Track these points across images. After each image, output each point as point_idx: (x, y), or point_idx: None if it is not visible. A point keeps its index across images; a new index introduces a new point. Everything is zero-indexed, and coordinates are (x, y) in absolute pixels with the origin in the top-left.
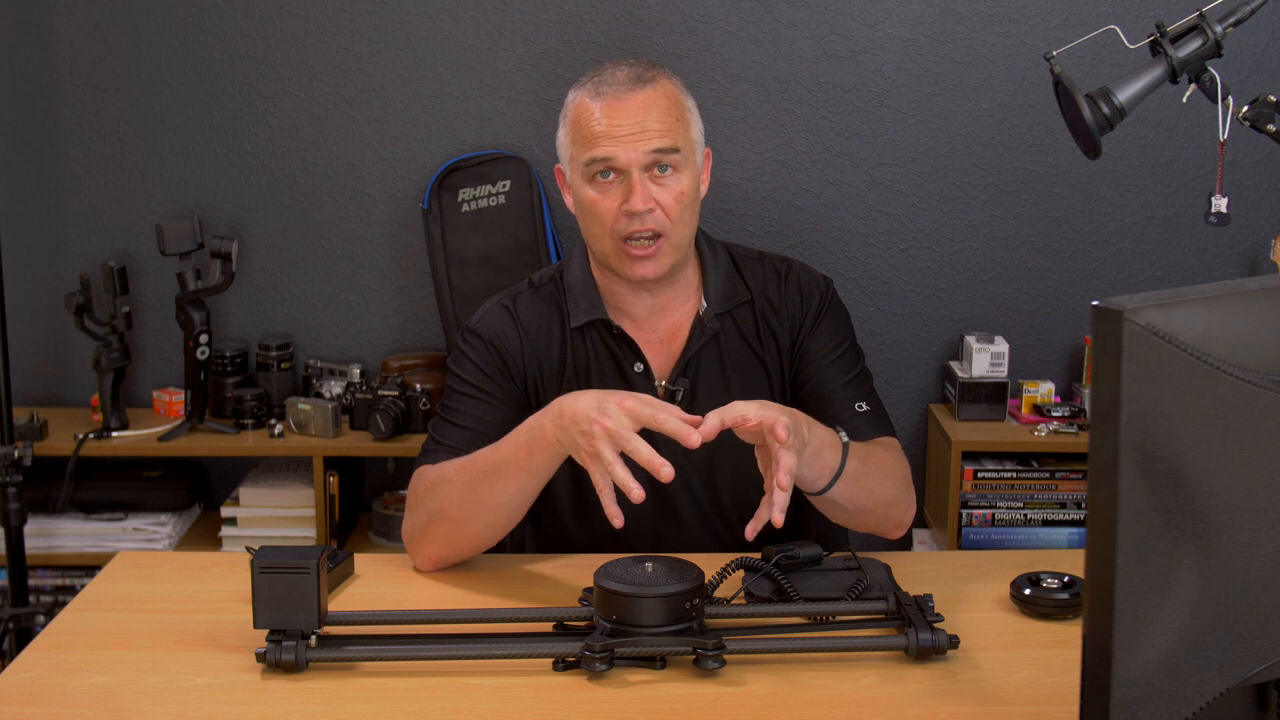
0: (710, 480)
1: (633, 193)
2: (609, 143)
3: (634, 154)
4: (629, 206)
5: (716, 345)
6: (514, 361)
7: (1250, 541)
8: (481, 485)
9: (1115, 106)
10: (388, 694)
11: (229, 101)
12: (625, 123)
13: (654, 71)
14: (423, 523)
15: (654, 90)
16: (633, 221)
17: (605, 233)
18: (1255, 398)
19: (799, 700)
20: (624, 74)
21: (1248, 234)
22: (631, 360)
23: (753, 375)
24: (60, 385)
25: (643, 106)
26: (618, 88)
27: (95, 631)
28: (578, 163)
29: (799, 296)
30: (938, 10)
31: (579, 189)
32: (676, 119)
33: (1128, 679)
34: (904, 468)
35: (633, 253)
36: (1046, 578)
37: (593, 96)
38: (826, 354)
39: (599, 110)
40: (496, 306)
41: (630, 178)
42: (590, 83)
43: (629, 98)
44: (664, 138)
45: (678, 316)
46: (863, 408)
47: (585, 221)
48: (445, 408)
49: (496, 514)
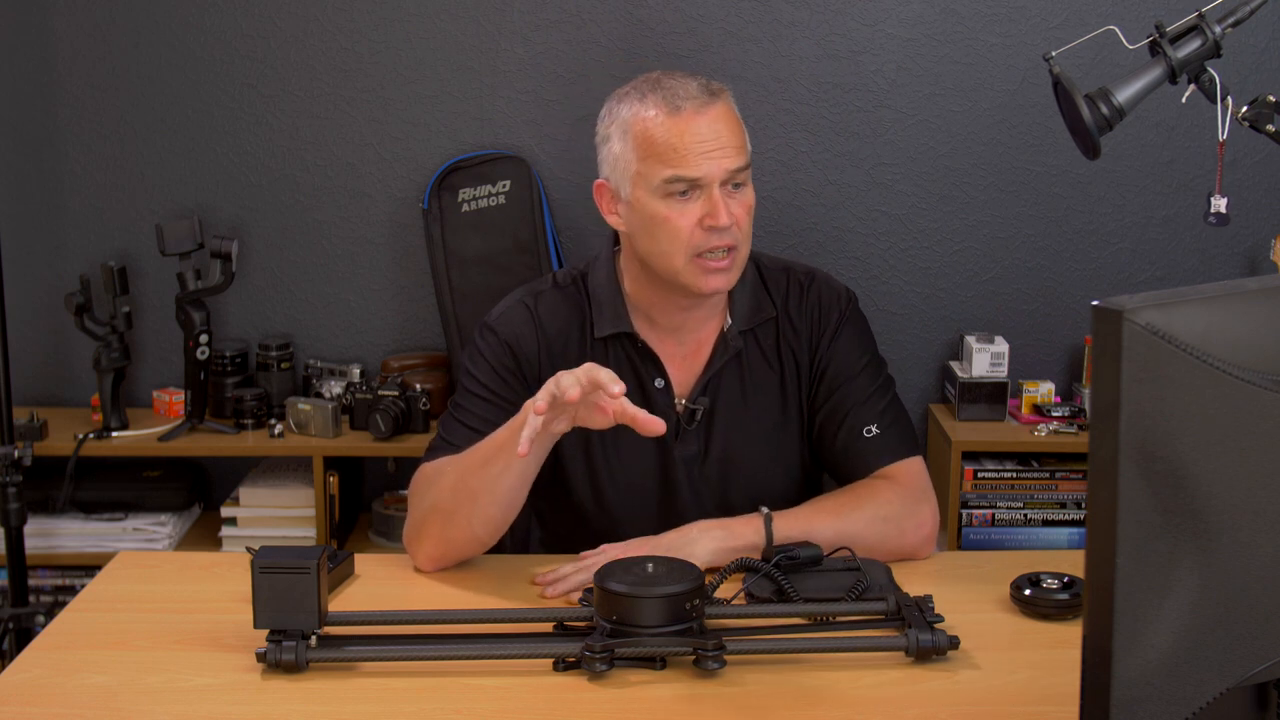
0: (724, 500)
1: (717, 209)
2: (694, 161)
3: (717, 171)
4: (714, 222)
5: (739, 363)
6: (529, 363)
7: (1250, 541)
8: (471, 474)
9: (1115, 107)
10: (388, 694)
11: (229, 101)
12: (707, 139)
13: (718, 85)
14: (419, 520)
15: (725, 103)
16: (712, 236)
17: (680, 249)
18: (1255, 398)
19: (799, 700)
20: (694, 87)
21: (1248, 234)
22: (653, 375)
23: (771, 395)
24: (60, 385)
25: (719, 121)
26: (692, 102)
27: (95, 631)
28: (649, 179)
29: (818, 312)
30: (938, 10)
31: (647, 205)
32: (744, 133)
33: (1128, 679)
34: (899, 500)
35: (711, 265)
36: (1046, 578)
37: (668, 111)
38: (843, 371)
39: (676, 126)
40: (518, 304)
41: (711, 194)
42: (655, 95)
43: (705, 113)
44: (741, 154)
45: (704, 333)
46: (871, 431)
47: (654, 238)
48: (455, 405)
49: (485, 503)
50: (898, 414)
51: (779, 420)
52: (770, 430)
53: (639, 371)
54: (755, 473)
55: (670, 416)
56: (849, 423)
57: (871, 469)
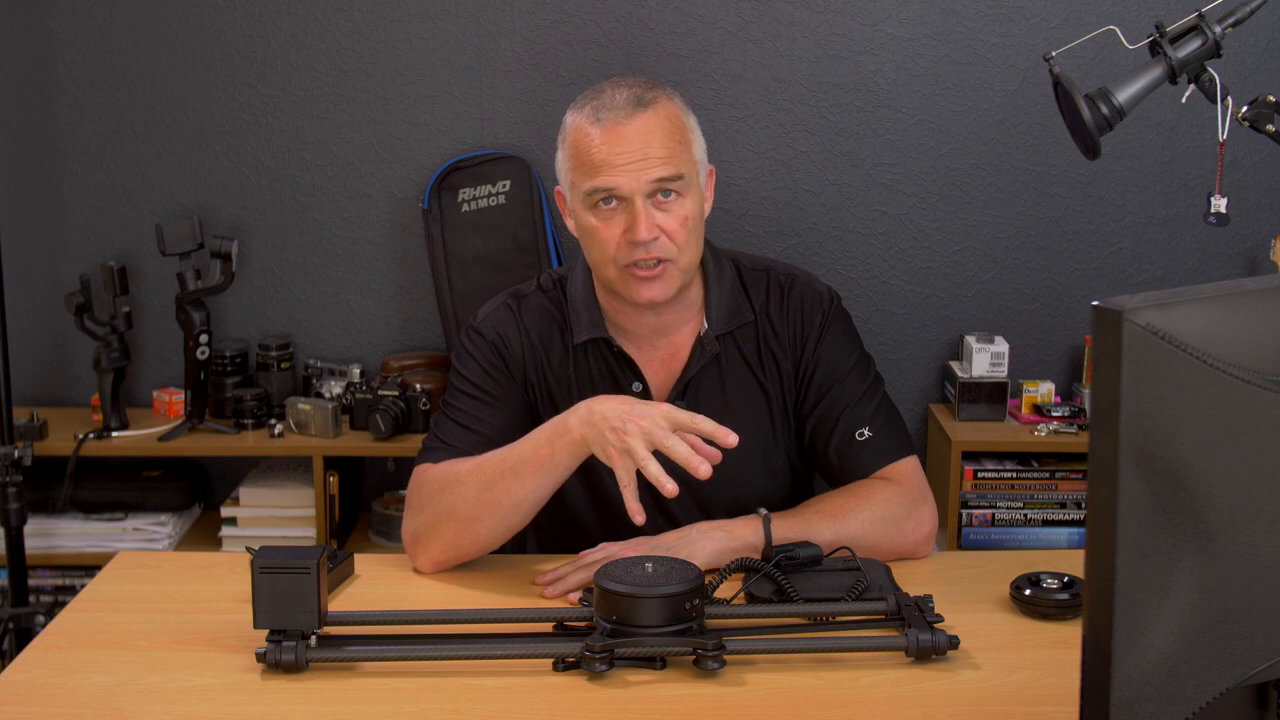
0: (707, 503)
1: (636, 222)
2: (610, 172)
3: (636, 183)
4: (632, 236)
5: (717, 367)
6: (515, 363)
7: (1250, 541)
8: (497, 484)
9: (1114, 107)
10: (388, 694)
11: (229, 101)
12: (626, 150)
13: (654, 93)
14: (429, 523)
15: (655, 113)
16: (636, 250)
17: (608, 260)
18: (1255, 398)
19: (799, 700)
20: (623, 97)
21: (1248, 234)
22: (630, 380)
23: (752, 398)
24: (60, 385)
25: (643, 132)
26: (617, 113)
27: (95, 631)
28: (578, 189)
29: (800, 317)
30: (938, 10)
31: (580, 215)
32: (679, 143)
33: (1128, 679)
34: (897, 499)
35: (638, 275)
36: (1046, 578)
37: (592, 122)
38: (831, 374)
39: (599, 137)
40: (501, 306)
41: (633, 206)
42: (589, 106)
43: (629, 123)
44: (666, 165)
45: (679, 336)
46: (864, 435)
47: (588, 248)
48: (448, 405)
49: (510, 513)
50: (889, 414)
51: (762, 423)
52: (752, 433)
53: (616, 376)
54: (738, 475)
55: None
56: (841, 427)
57: (867, 473)
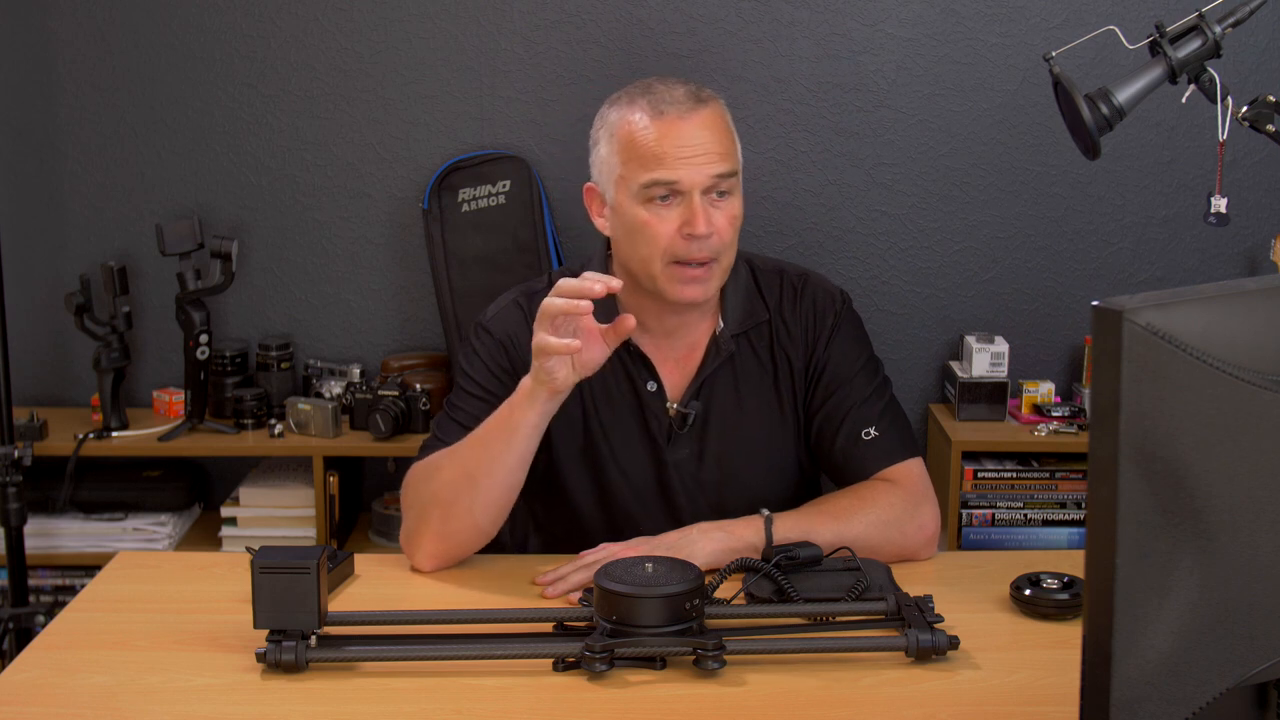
0: (719, 503)
1: (695, 217)
2: (672, 165)
3: (698, 177)
4: (691, 230)
5: (732, 366)
6: (522, 363)
7: (1250, 541)
8: (469, 460)
9: (1114, 107)
10: (388, 694)
11: (229, 101)
12: (688, 144)
13: (708, 92)
14: (417, 515)
15: (712, 111)
16: (691, 245)
17: (657, 255)
18: (1255, 398)
19: (799, 700)
20: (681, 93)
21: (1248, 234)
22: (645, 379)
23: (765, 398)
24: (60, 385)
25: (704, 127)
26: (678, 107)
27: (95, 631)
28: (630, 183)
29: (812, 316)
30: (938, 10)
31: (628, 210)
32: (732, 141)
33: (1128, 679)
34: (900, 502)
35: (686, 274)
36: (1046, 578)
37: (653, 116)
38: (840, 373)
39: (660, 130)
40: (511, 304)
41: (691, 201)
42: (643, 100)
43: (691, 118)
44: (724, 161)
45: (695, 336)
46: (870, 435)
47: (633, 243)
48: (451, 404)
49: (487, 488)
50: (896, 415)
51: (774, 423)
52: (765, 433)
53: (631, 375)
54: (750, 475)
55: (663, 420)
56: (847, 426)
57: (871, 472)
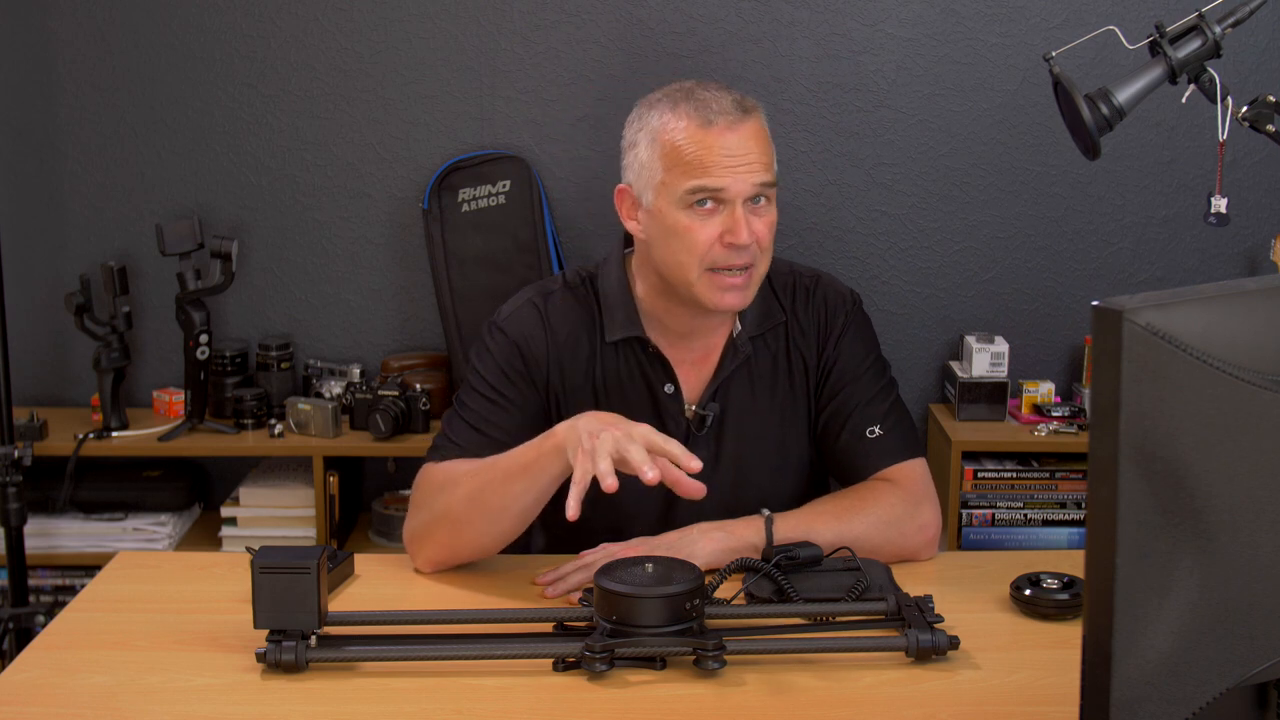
0: (734, 505)
1: (738, 225)
2: (719, 172)
3: (743, 186)
4: (734, 239)
5: (748, 369)
6: (537, 365)
7: (1250, 541)
8: (486, 488)
9: (1114, 107)
10: (388, 694)
11: (229, 101)
12: (736, 153)
13: (751, 101)
14: (426, 523)
15: (756, 120)
16: (732, 253)
17: (695, 261)
18: (1255, 398)
19: (799, 700)
20: (727, 101)
21: (1248, 234)
22: (663, 381)
23: (780, 399)
24: (60, 385)
25: (751, 137)
26: (727, 116)
27: (95, 631)
28: (673, 189)
29: (824, 315)
30: (938, 10)
31: (669, 215)
32: (772, 151)
33: (1128, 679)
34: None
35: (725, 282)
36: (1046, 578)
37: (701, 124)
38: (847, 372)
39: (707, 138)
40: (527, 304)
41: (734, 209)
42: (687, 106)
43: (740, 128)
44: (768, 171)
45: (714, 338)
46: (874, 433)
47: (671, 248)
48: (461, 403)
49: (498, 518)
50: (900, 416)
51: (787, 424)
52: (780, 434)
53: (649, 376)
54: (766, 477)
55: (680, 422)
56: (852, 424)
57: (873, 470)
